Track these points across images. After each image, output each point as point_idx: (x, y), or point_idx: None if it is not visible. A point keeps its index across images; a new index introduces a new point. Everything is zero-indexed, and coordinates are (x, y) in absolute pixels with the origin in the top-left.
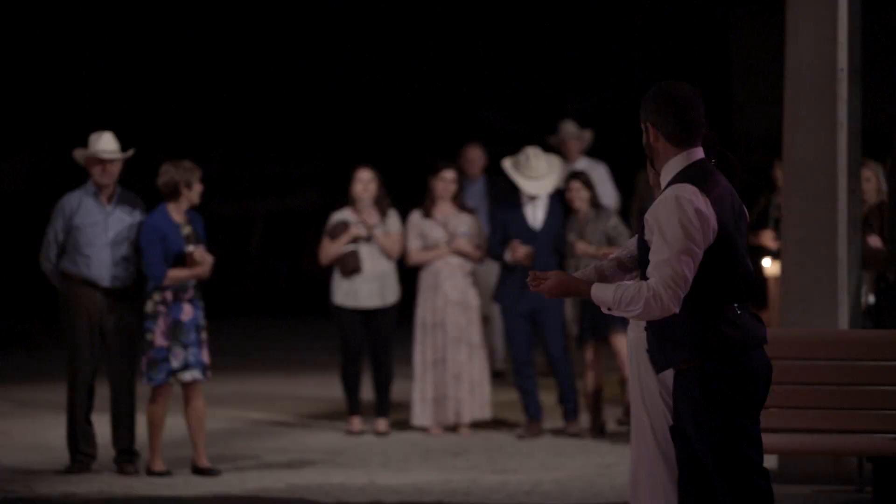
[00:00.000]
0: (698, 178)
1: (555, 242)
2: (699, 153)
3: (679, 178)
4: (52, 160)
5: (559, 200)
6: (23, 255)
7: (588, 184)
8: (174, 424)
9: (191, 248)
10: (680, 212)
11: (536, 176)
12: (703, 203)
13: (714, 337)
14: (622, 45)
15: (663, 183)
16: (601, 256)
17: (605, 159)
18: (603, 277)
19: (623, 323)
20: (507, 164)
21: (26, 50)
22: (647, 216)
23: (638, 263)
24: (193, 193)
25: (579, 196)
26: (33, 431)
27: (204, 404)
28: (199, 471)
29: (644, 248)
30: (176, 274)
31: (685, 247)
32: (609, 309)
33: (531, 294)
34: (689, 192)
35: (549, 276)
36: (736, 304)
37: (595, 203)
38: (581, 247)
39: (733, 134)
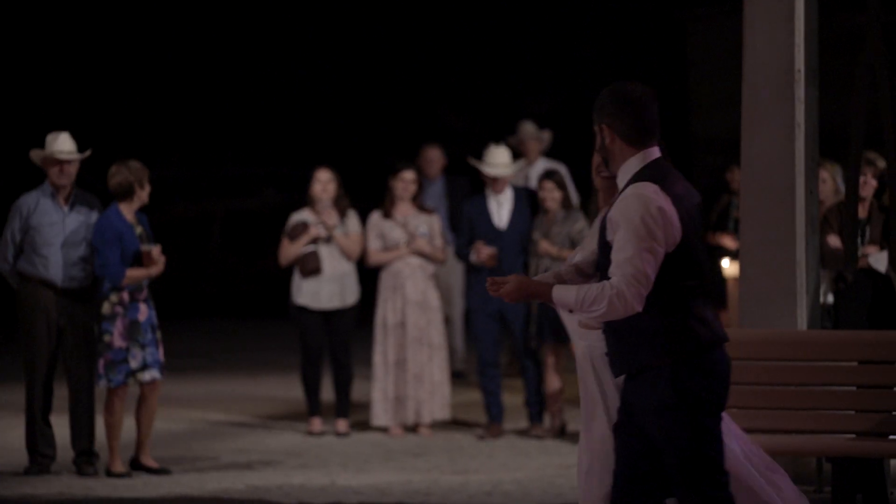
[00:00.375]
0: (658, 176)
1: (522, 242)
2: (656, 152)
3: (638, 177)
4: (7, 161)
5: (526, 200)
6: None
7: (561, 184)
8: (133, 426)
9: (146, 247)
10: (642, 209)
11: (498, 163)
12: (664, 200)
13: (685, 335)
14: (580, 46)
15: (620, 184)
16: (563, 258)
17: (563, 160)
18: (562, 283)
19: None
20: (472, 160)
21: None
22: (610, 215)
23: (597, 266)
24: (145, 193)
25: (552, 196)
26: None
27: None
28: (142, 468)
29: (606, 248)
30: (133, 273)
31: (647, 245)
32: (571, 311)
33: None
34: (650, 189)
35: (508, 280)
36: (701, 301)
37: (567, 205)
38: (544, 246)
39: (691, 135)
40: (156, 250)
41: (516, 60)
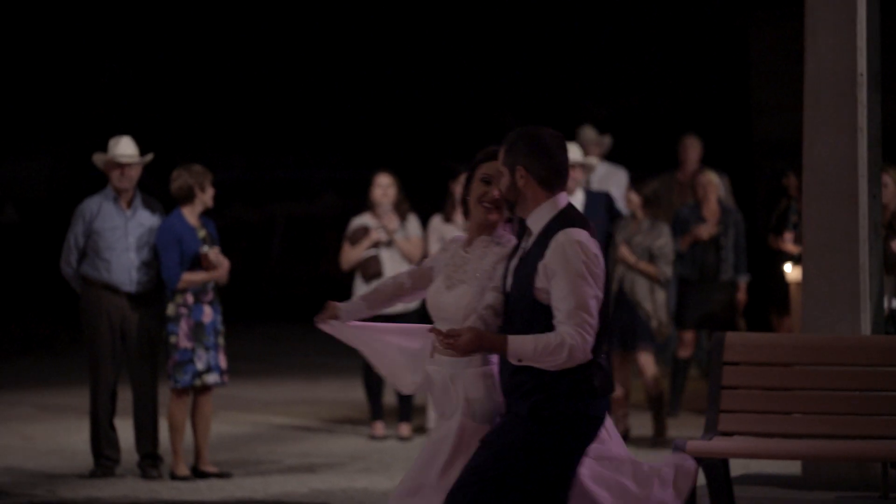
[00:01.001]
0: (580, 223)
1: None
2: (565, 198)
3: (559, 222)
4: (72, 165)
5: (602, 203)
6: (44, 260)
7: (650, 199)
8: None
9: (205, 248)
10: (585, 255)
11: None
12: (595, 246)
13: (585, 381)
14: (641, 50)
15: (534, 227)
16: (639, 269)
17: (623, 164)
18: (486, 328)
19: (650, 340)
20: None
21: (46, 55)
22: (546, 263)
23: (511, 309)
24: (207, 196)
25: (634, 204)
26: (57, 436)
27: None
28: (203, 475)
29: (529, 294)
30: (191, 277)
31: (593, 292)
32: (520, 360)
33: None
34: (584, 236)
35: (461, 332)
36: (604, 345)
37: (655, 215)
38: (623, 252)
39: (753, 139)
40: (213, 253)
41: (577, 64)
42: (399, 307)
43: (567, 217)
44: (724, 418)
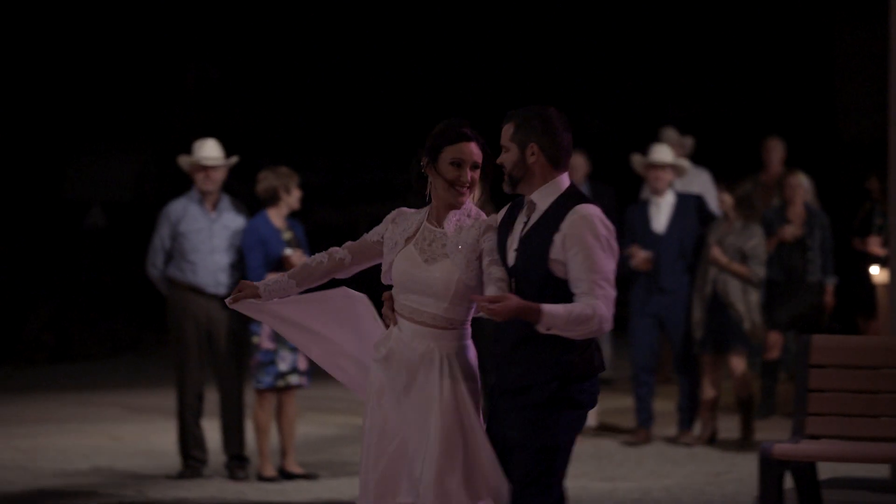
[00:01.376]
0: (592, 200)
1: (681, 248)
2: (568, 179)
3: (569, 199)
4: (158, 168)
5: (693, 206)
6: (131, 262)
7: (742, 200)
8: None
9: (288, 251)
10: (605, 230)
11: (661, 154)
12: (610, 223)
13: (586, 359)
14: (724, 50)
15: (541, 205)
16: (731, 270)
17: (706, 165)
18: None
19: (743, 342)
20: (635, 155)
21: (131, 59)
22: (566, 235)
23: (518, 282)
24: (292, 198)
25: (726, 204)
26: (145, 437)
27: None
28: (289, 476)
29: (542, 267)
30: (274, 278)
31: (612, 265)
32: (549, 329)
33: (657, 297)
34: (598, 211)
35: (503, 298)
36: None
37: (748, 216)
38: (714, 253)
39: (838, 140)
40: (296, 255)
41: (659, 65)
42: None
43: (576, 194)
44: (811, 421)
